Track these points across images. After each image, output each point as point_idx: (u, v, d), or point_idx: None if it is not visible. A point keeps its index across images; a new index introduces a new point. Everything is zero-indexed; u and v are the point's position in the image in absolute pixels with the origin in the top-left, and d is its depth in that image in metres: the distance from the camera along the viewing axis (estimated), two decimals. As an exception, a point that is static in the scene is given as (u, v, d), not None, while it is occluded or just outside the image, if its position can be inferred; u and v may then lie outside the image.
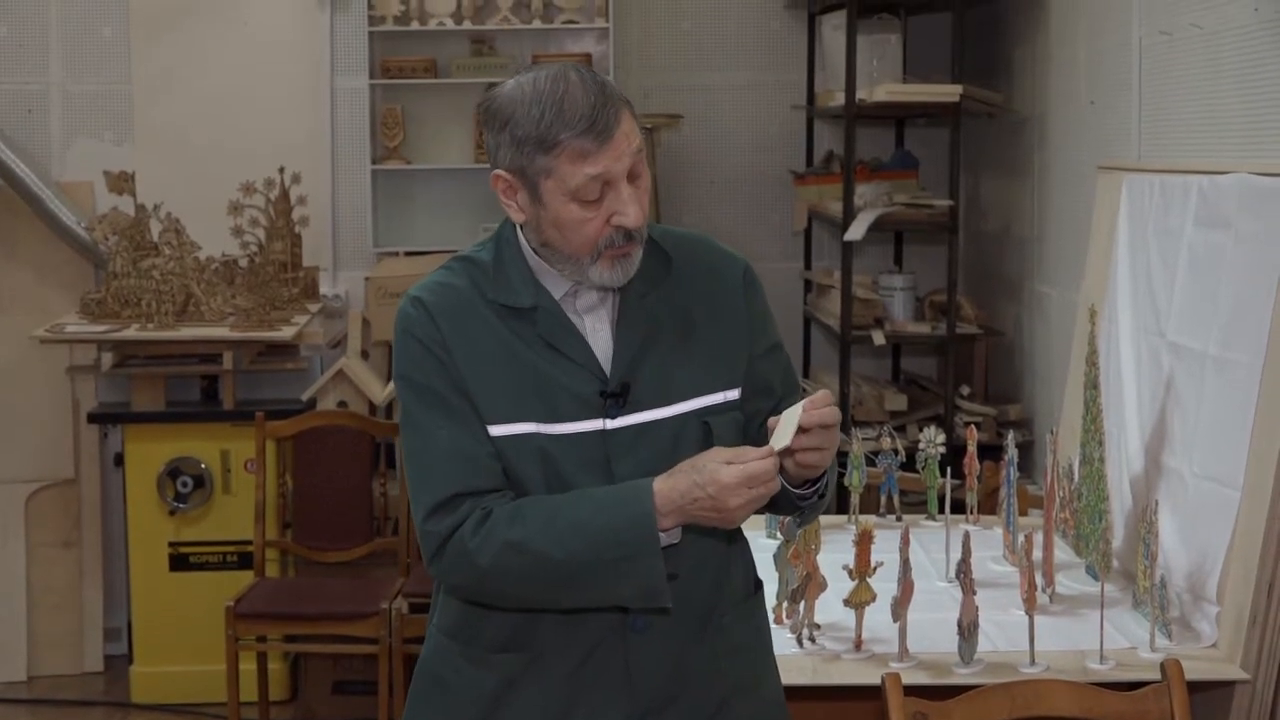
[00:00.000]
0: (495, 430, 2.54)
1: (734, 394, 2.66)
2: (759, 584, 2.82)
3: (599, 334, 2.60)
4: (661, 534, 2.46)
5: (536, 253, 2.59)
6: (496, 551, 2.48)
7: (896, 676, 2.98)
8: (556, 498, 2.51)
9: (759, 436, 2.63)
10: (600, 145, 2.45)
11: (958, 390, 6.16)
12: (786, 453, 2.48)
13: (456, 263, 2.65)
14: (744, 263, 2.76)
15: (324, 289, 6.84)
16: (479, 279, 2.60)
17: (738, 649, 2.73)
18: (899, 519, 4.65)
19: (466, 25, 6.74)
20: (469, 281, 2.61)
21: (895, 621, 3.49)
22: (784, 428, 2.47)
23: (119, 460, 6.53)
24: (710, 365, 2.65)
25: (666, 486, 2.46)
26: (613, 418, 2.56)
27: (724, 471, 2.43)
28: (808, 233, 6.98)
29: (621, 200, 2.49)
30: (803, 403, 2.48)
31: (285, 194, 6.51)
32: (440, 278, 2.63)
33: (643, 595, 2.49)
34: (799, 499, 2.62)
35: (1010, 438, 4.30)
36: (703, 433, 2.59)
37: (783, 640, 3.49)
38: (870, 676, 3.36)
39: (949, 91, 5.84)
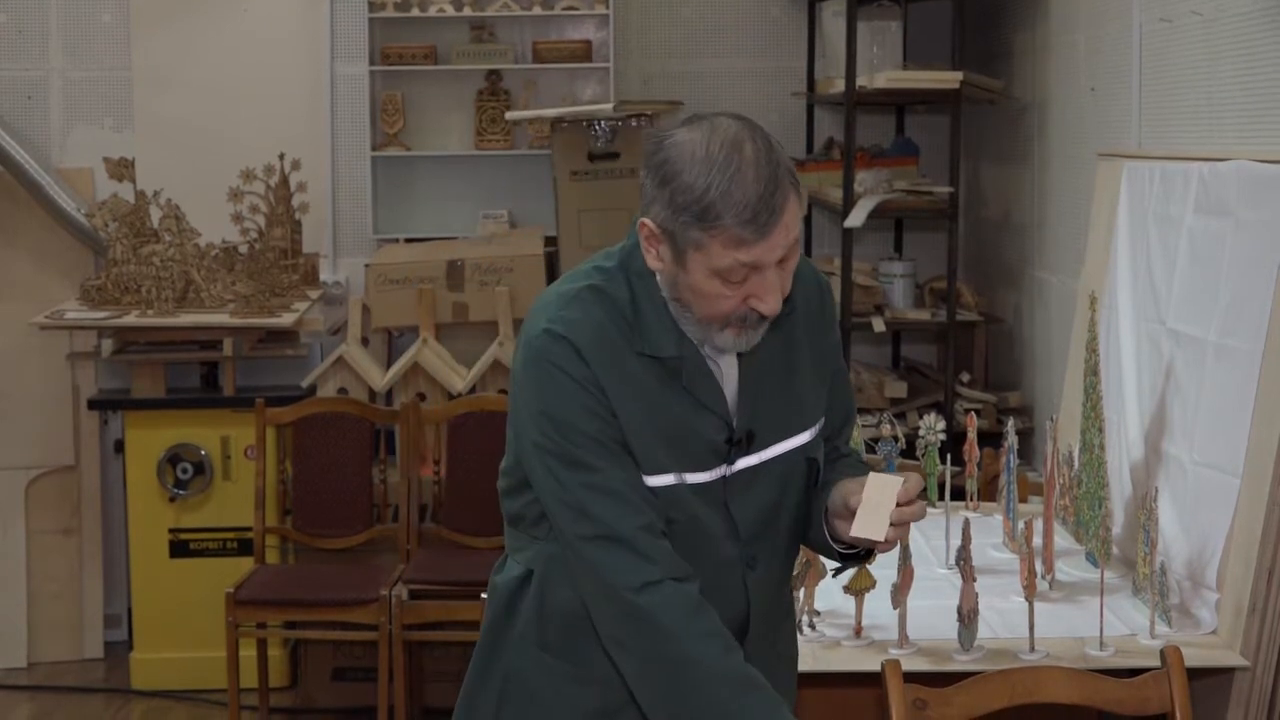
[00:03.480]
0: (647, 481, 2.50)
1: (821, 423, 2.67)
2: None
3: (728, 379, 2.56)
4: None
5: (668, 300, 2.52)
6: (672, 659, 2.42)
7: (896, 663, 2.98)
8: (758, 693, 2.43)
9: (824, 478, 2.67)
10: (760, 237, 2.36)
11: (958, 377, 6.15)
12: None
13: (589, 294, 2.51)
14: (825, 283, 2.73)
15: (324, 275, 6.84)
16: (619, 321, 2.49)
17: (789, 660, 2.83)
18: (899, 506, 4.64)
19: (466, 11, 6.74)
20: (609, 319, 2.49)
21: (895, 608, 3.49)
22: (873, 513, 2.48)
23: (119, 447, 6.53)
24: (809, 400, 2.65)
25: None
26: (733, 464, 2.55)
27: None
28: (808, 219, 6.96)
29: (765, 286, 2.41)
30: (897, 489, 2.49)
31: (285, 180, 6.51)
32: (579, 314, 2.50)
33: None
34: (842, 558, 2.69)
35: (1010, 425, 4.31)
36: (807, 468, 2.61)
37: (782, 627, 3.49)
38: (870, 663, 3.36)
39: (949, 78, 5.82)
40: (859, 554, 2.67)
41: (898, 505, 2.50)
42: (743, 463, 2.56)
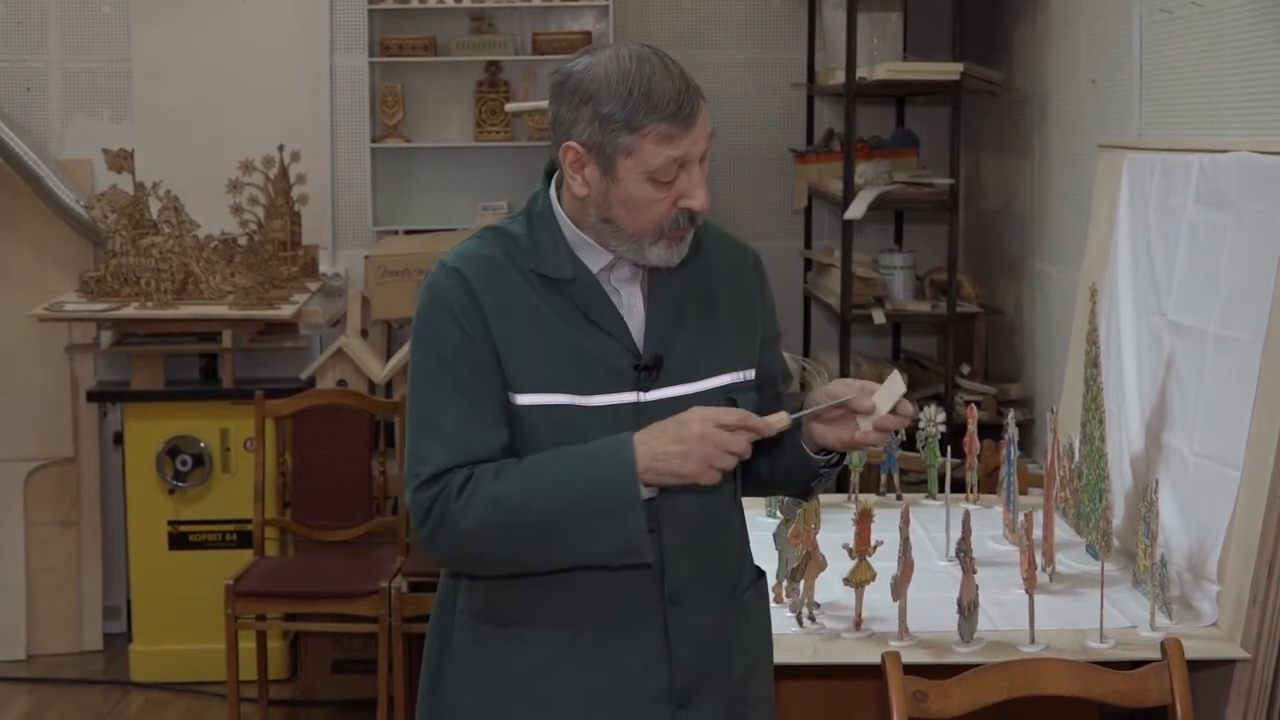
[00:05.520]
0: (528, 399, 2.56)
1: (751, 374, 2.73)
2: (761, 572, 2.88)
3: (633, 308, 2.64)
4: (644, 489, 2.49)
5: (584, 227, 2.62)
6: (478, 510, 2.50)
7: (896, 655, 2.98)
8: (540, 454, 2.54)
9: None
10: (684, 130, 2.52)
11: (958, 369, 6.15)
12: (820, 418, 2.63)
13: (489, 233, 2.67)
14: (755, 253, 2.84)
15: (323, 267, 6.84)
16: (513, 250, 2.62)
17: (756, 626, 2.81)
18: (899, 498, 4.64)
19: (466, 3, 6.72)
20: (503, 252, 2.62)
21: (895, 600, 3.49)
22: (886, 394, 2.60)
23: (118, 439, 6.53)
24: (733, 345, 2.71)
25: (646, 437, 2.49)
26: (646, 391, 2.60)
27: (699, 410, 2.50)
28: (808, 211, 6.97)
29: (693, 183, 2.56)
30: (902, 394, 2.61)
31: (284, 172, 6.50)
32: (474, 247, 2.65)
33: (624, 550, 2.52)
34: (822, 466, 2.71)
35: (1010, 416, 4.30)
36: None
37: (782, 619, 3.50)
38: (870, 655, 3.36)
39: (950, 70, 5.82)
40: (834, 461, 2.73)
41: (895, 413, 2.62)
42: (659, 393, 2.61)
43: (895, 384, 2.62)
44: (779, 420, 2.54)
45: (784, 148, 6.98)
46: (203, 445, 6.18)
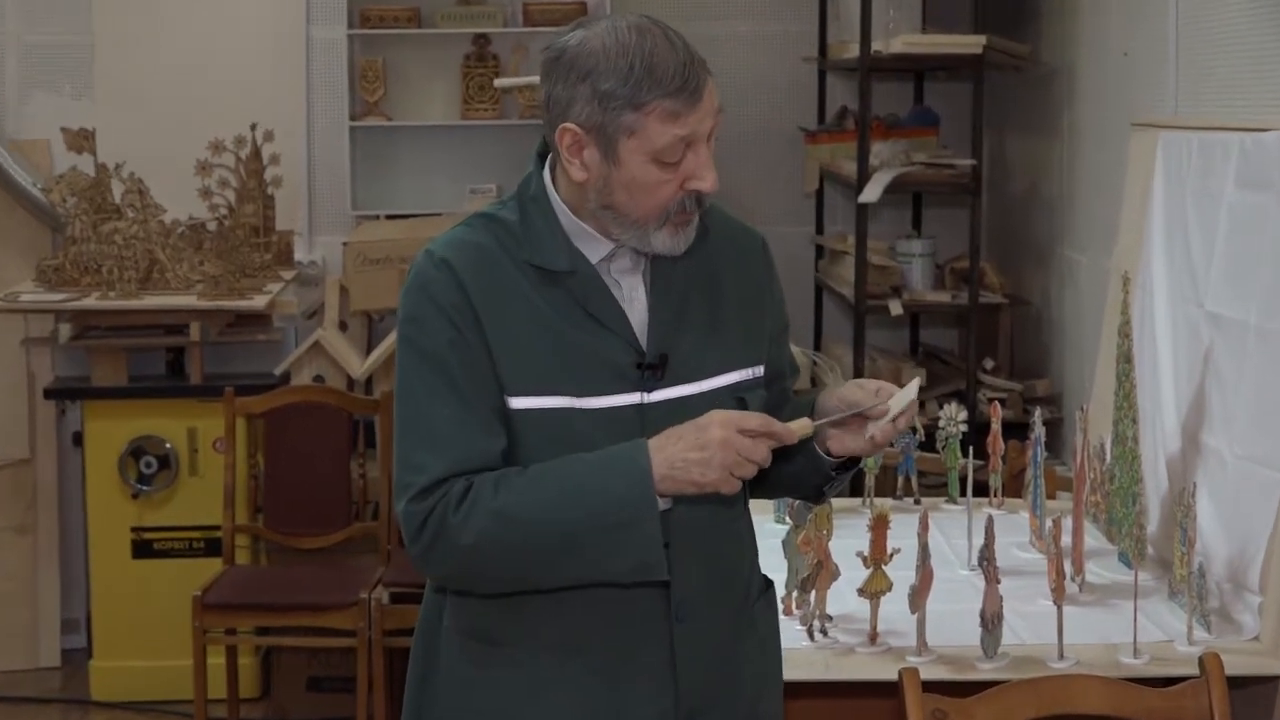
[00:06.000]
0: (523, 403, 2.54)
1: (760, 370, 2.72)
2: (769, 582, 2.87)
3: (634, 302, 2.63)
4: (659, 499, 2.47)
5: (582, 214, 2.60)
6: (480, 524, 2.47)
7: (914, 672, 2.98)
8: (547, 462, 2.51)
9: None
10: (691, 106, 2.50)
11: (980, 364, 6.15)
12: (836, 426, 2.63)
13: (478, 220, 2.64)
14: (762, 238, 2.83)
15: (299, 255, 6.84)
16: (505, 238, 2.60)
17: (765, 641, 2.81)
18: (917, 502, 4.65)
19: (452, -29, 6.73)
20: (494, 240, 2.60)
21: (913, 613, 3.49)
22: (900, 399, 2.59)
23: (77, 439, 6.52)
24: (740, 339, 2.70)
25: (663, 443, 2.47)
26: (649, 392, 2.58)
27: (720, 414, 2.48)
28: (819, 194, 6.97)
29: (700, 163, 2.54)
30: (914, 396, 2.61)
31: (257, 153, 6.50)
32: (463, 235, 2.62)
33: (639, 567, 2.50)
34: (836, 469, 2.70)
35: (1037, 415, 4.30)
36: (738, 409, 2.60)
37: (792, 633, 3.49)
38: (886, 672, 3.35)
39: (971, 42, 5.82)
40: (847, 465, 2.73)
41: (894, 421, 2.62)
42: (663, 394, 2.59)
43: (911, 390, 2.61)
44: (802, 427, 2.53)
45: (794, 126, 6.97)
46: (168, 446, 6.17)
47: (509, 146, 6.83)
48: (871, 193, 5.84)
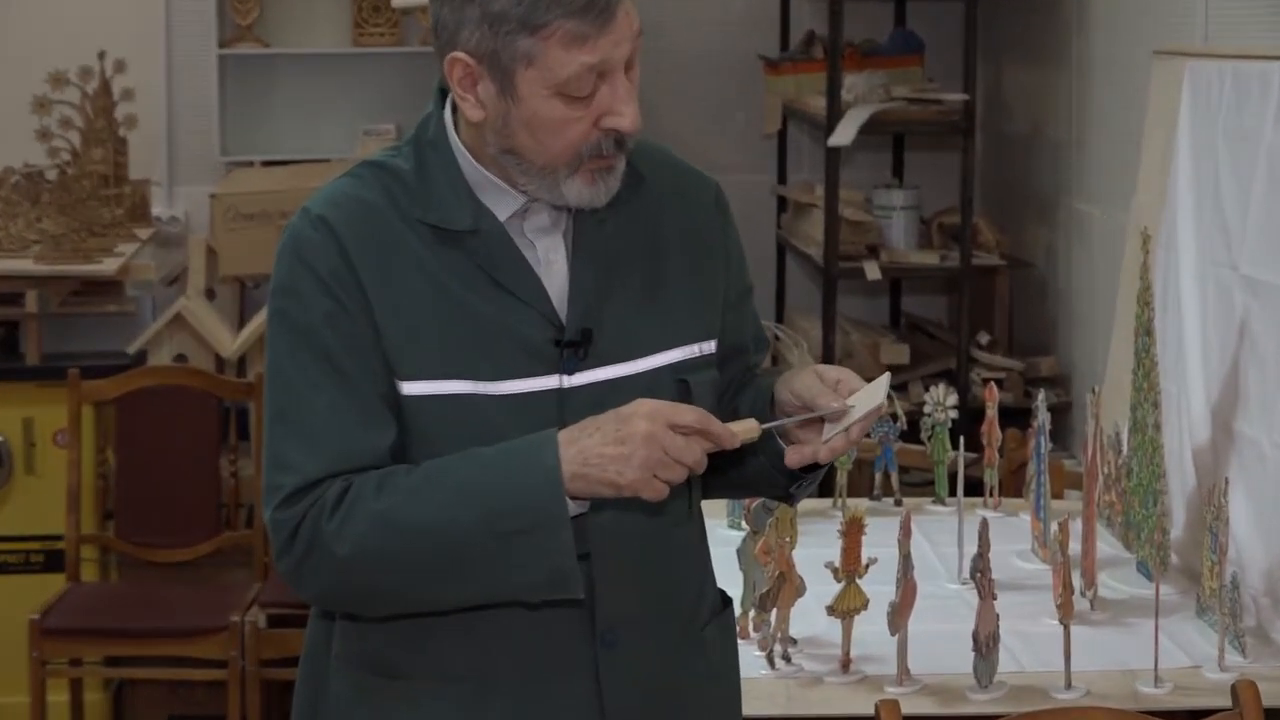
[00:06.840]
0: (417, 388, 2.53)
1: (710, 346, 2.69)
2: (727, 599, 2.86)
3: (552, 266, 2.60)
4: (571, 502, 2.45)
5: (482, 162, 2.57)
6: (359, 531, 2.45)
7: (894, 705, 2.98)
8: (440, 459, 2.49)
9: (731, 409, 2.66)
10: (600, 28, 2.44)
11: (974, 338, 6.18)
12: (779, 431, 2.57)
13: (366, 169, 2.62)
14: (715, 184, 2.79)
15: (156, 209, 6.82)
16: (397, 193, 2.57)
17: (717, 670, 2.79)
18: (898, 503, 4.66)
19: None
20: (384, 195, 2.57)
21: (893, 634, 3.50)
22: (865, 398, 2.53)
23: (-111, 432, 6.49)
24: (684, 311, 2.67)
25: (576, 435, 2.45)
26: (570, 373, 2.56)
27: (648, 404, 2.44)
28: (782, 136, 6.98)
29: (617, 97, 2.49)
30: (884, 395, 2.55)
31: (106, 87, 6.46)
32: (346, 188, 2.60)
33: (548, 582, 2.48)
34: (796, 483, 2.69)
35: (1041, 399, 4.32)
36: (679, 394, 2.59)
37: (749, 659, 3.48)
38: (861, 705, 3.37)
39: (963, -46, 5.85)
40: (811, 480, 2.71)
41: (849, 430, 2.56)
42: (587, 376, 2.57)
43: (879, 388, 2.56)
44: (746, 430, 2.49)
45: (751, 55, 6.98)
46: (1, 439, 6.14)
47: (410, 79, 6.82)
48: (844, 134, 5.85)
